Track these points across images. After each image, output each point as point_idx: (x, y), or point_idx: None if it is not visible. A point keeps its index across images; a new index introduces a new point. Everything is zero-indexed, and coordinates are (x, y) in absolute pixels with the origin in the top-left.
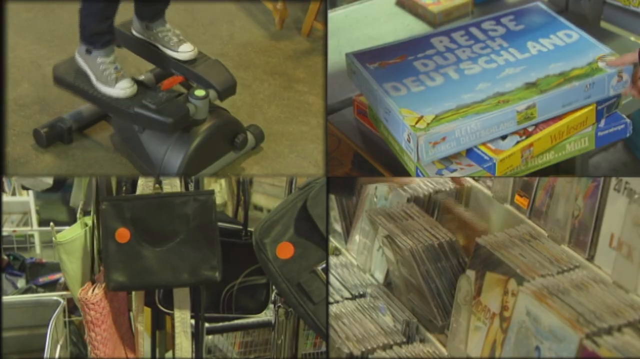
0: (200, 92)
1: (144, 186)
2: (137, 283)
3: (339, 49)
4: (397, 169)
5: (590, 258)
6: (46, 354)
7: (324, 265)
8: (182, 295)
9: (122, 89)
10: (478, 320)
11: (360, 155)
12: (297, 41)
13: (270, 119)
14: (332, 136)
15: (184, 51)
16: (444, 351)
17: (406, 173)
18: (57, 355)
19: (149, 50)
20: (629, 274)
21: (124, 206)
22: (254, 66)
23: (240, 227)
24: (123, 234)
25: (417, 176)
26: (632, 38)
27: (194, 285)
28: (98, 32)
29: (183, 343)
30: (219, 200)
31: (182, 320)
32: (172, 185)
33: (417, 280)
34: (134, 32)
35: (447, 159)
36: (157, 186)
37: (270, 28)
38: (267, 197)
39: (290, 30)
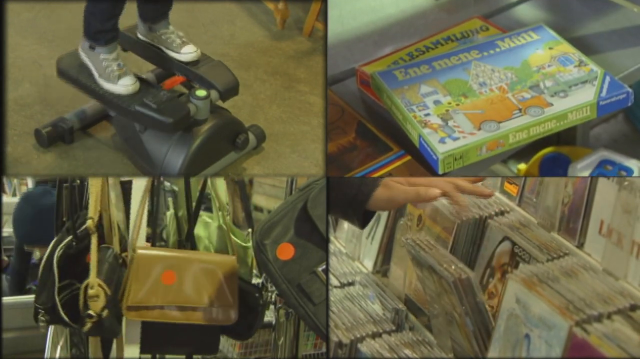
0: (201, 93)
1: None
2: None
3: (340, 20)
4: (400, 138)
5: (580, 245)
6: (46, 355)
7: (324, 266)
8: None
9: (124, 85)
10: None
11: (365, 124)
12: (298, 41)
13: (271, 119)
14: (335, 105)
15: (187, 52)
16: (433, 339)
17: (409, 142)
18: (57, 356)
19: (153, 53)
20: (619, 262)
21: None
22: (255, 66)
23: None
24: None
25: (421, 145)
26: (636, 9)
27: None
28: (102, 30)
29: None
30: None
31: None
32: None
33: (459, 313)
34: (139, 35)
35: (450, 128)
36: None
37: (272, 28)
38: (267, 198)
39: (291, 31)
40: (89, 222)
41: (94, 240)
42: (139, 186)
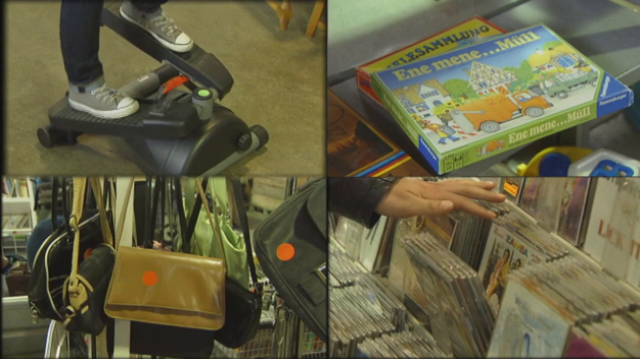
0: (204, 93)
1: None
2: None
3: (340, 20)
4: (400, 138)
5: (580, 246)
6: (46, 355)
7: (324, 267)
8: None
9: (124, 107)
10: None
11: (364, 125)
12: (301, 42)
13: (274, 120)
14: (335, 105)
15: (181, 43)
16: (433, 339)
17: (409, 142)
18: (57, 356)
19: (142, 38)
20: (619, 262)
21: None
22: (258, 67)
23: None
24: None
25: (421, 146)
26: (636, 9)
27: None
28: (87, 68)
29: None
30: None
31: None
32: None
33: (459, 314)
34: (123, 14)
35: (450, 128)
36: None
37: (275, 28)
38: (267, 198)
39: (294, 31)
40: (72, 220)
41: (76, 237)
42: (123, 186)
